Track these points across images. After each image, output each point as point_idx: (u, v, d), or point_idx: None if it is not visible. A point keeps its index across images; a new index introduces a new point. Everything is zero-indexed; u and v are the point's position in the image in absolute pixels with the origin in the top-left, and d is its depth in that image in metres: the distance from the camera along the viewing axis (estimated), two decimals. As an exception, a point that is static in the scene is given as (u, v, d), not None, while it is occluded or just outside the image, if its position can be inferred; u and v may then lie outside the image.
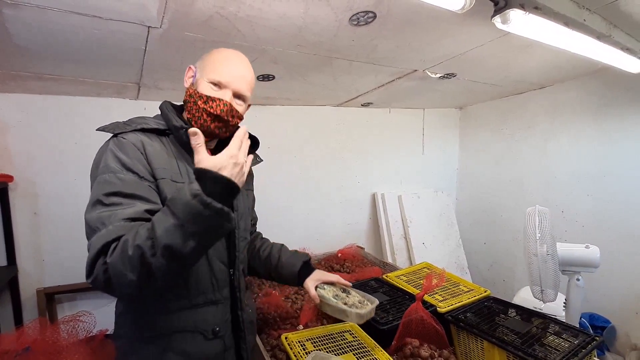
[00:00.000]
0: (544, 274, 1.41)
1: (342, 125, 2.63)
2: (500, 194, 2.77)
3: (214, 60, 0.90)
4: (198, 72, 0.91)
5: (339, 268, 2.09)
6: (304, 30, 1.21)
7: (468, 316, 1.32)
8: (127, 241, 0.69)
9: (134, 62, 1.41)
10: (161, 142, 0.89)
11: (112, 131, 0.84)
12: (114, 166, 0.79)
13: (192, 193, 0.68)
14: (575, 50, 1.29)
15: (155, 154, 0.85)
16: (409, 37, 1.34)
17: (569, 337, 1.15)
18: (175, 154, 0.90)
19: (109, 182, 0.77)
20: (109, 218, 0.73)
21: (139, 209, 0.76)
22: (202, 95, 0.87)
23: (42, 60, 1.36)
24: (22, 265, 1.82)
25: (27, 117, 1.79)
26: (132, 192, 0.77)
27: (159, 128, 0.90)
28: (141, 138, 0.85)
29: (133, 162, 0.80)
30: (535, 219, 1.41)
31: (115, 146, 0.81)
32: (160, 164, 0.85)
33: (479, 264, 2.96)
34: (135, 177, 0.79)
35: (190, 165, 0.90)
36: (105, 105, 1.92)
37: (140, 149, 0.83)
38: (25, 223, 1.82)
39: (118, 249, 0.69)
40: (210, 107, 0.87)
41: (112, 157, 0.80)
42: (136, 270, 0.68)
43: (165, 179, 0.84)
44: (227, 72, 0.88)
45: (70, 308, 1.94)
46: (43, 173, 1.84)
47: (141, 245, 0.68)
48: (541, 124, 2.45)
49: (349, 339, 1.18)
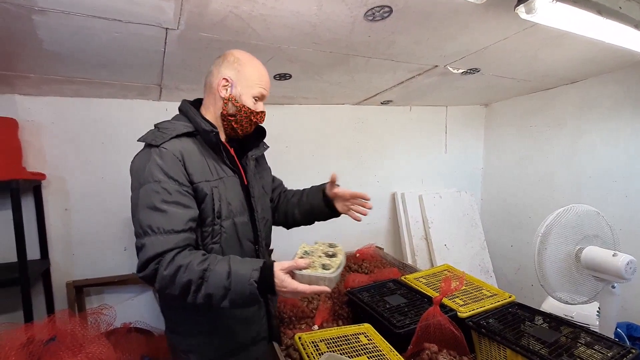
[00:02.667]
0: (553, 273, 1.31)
1: (361, 123, 2.60)
2: (527, 194, 2.64)
3: (253, 74, 1.04)
4: (238, 84, 1.03)
5: (357, 268, 2.06)
6: (319, 28, 1.19)
7: (490, 322, 1.26)
8: (180, 268, 0.85)
9: (155, 64, 1.45)
10: (192, 144, 1.00)
11: (153, 142, 0.94)
12: (158, 175, 0.91)
13: (249, 282, 0.84)
14: (610, 40, 1.20)
15: (191, 160, 0.96)
16: (427, 31, 1.30)
17: (602, 348, 1.07)
18: (204, 153, 1.01)
19: (155, 191, 0.90)
20: (157, 225, 0.88)
21: (182, 218, 0.90)
22: (253, 112, 1.05)
23: (71, 65, 1.43)
24: (54, 259, 1.92)
25: (59, 118, 1.88)
26: (174, 200, 0.90)
27: (188, 131, 1.00)
28: (179, 147, 0.95)
29: (174, 171, 0.92)
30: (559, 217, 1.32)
31: (158, 156, 0.92)
32: (196, 168, 0.96)
33: (505, 268, 2.83)
34: (176, 184, 0.92)
35: (216, 162, 1.03)
36: (130, 107, 1.99)
37: (179, 157, 0.94)
38: (57, 218, 1.92)
39: (171, 270, 0.85)
40: (257, 119, 1.08)
41: (156, 167, 0.91)
42: (178, 291, 0.86)
43: (201, 182, 0.96)
44: (266, 84, 1.07)
45: (98, 300, 2.03)
46: (73, 171, 1.93)
47: (192, 280, 0.84)
48: (572, 121, 2.31)
49: (364, 342, 1.16)
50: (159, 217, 0.88)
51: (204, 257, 0.88)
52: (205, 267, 0.85)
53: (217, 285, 0.84)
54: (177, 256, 0.86)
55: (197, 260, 0.86)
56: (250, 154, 1.14)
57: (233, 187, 1.04)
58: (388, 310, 1.38)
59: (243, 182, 1.10)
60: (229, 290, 0.84)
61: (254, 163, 1.14)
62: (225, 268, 0.85)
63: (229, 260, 0.87)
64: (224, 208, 0.99)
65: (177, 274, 0.85)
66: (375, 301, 1.47)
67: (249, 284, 0.84)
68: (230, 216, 1.01)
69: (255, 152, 1.16)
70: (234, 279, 0.84)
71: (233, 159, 1.09)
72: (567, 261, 1.28)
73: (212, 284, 0.84)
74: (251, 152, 1.15)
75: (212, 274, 0.84)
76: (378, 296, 1.52)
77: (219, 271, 0.85)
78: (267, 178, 1.27)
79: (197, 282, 0.84)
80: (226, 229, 1.00)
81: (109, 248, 1.97)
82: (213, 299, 0.85)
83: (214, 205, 0.97)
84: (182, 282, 0.84)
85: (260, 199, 1.15)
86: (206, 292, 0.84)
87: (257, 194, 1.14)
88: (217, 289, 0.84)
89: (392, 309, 1.39)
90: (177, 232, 0.89)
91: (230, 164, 1.06)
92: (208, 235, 0.98)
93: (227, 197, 1.01)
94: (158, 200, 0.89)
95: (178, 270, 0.85)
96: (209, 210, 0.97)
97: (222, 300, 0.85)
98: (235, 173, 1.07)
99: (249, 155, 1.14)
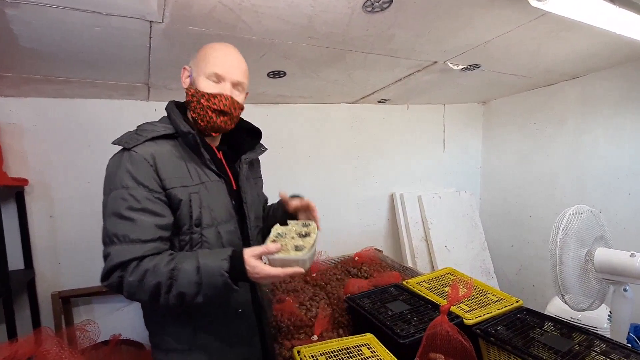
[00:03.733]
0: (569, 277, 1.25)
1: (358, 123, 2.53)
2: (528, 193, 2.59)
3: (206, 55, 0.94)
4: (194, 71, 0.95)
5: (356, 272, 2.00)
6: (314, 20, 1.12)
7: (499, 330, 1.20)
8: (147, 272, 0.81)
9: (141, 61, 1.37)
10: (171, 146, 0.93)
11: (125, 145, 0.88)
12: (127, 182, 0.85)
13: (221, 272, 0.81)
14: (620, 31, 1.14)
15: (165, 164, 0.89)
16: (428, 24, 1.24)
17: (619, 357, 1.01)
18: (184, 157, 0.94)
19: (122, 198, 0.84)
20: (123, 233, 0.83)
21: (150, 227, 0.85)
22: (204, 94, 0.92)
23: (50, 63, 1.34)
24: (39, 269, 1.82)
25: (42, 120, 1.79)
26: (142, 207, 0.85)
27: (167, 133, 0.93)
28: (152, 150, 0.89)
29: (144, 177, 0.86)
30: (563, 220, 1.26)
31: (128, 162, 0.86)
32: (170, 173, 0.90)
33: (506, 268, 2.78)
34: (145, 191, 0.86)
35: (198, 166, 0.95)
36: (117, 108, 1.90)
37: (150, 161, 0.87)
38: (41, 226, 1.82)
39: (137, 274, 0.81)
40: (213, 103, 0.92)
41: (125, 172, 0.86)
42: (148, 295, 0.82)
43: (176, 188, 0.89)
44: (222, 63, 0.93)
45: (86, 311, 1.94)
46: (58, 176, 1.84)
47: (161, 282, 0.80)
48: (573, 118, 2.26)
49: (367, 354, 1.09)
50: (125, 225, 0.83)
51: (171, 257, 0.84)
52: (173, 266, 0.81)
53: (189, 282, 0.81)
54: (142, 262, 0.82)
55: (164, 261, 0.82)
56: (243, 157, 1.06)
57: (217, 192, 0.96)
58: (391, 318, 1.31)
59: (232, 187, 1.02)
60: (201, 285, 0.81)
61: (247, 167, 1.06)
62: (193, 264, 0.82)
63: (197, 256, 0.84)
64: (205, 215, 0.92)
65: (144, 278, 0.81)
66: (377, 308, 1.40)
67: (220, 274, 0.81)
68: (214, 224, 0.94)
69: (249, 155, 1.08)
70: (204, 273, 0.81)
71: (220, 162, 1.02)
72: (582, 266, 1.22)
73: (183, 282, 0.81)
74: (245, 155, 1.07)
75: (181, 272, 0.81)
76: (379, 303, 1.45)
77: (188, 268, 0.81)
78: (260, 185, 1.21)
79: (166, 284, 0.81)
80: (208, 238, 0.92)
81: (98, 256, 1.80)
82: (186, 297, 0.82)
83: (191, 212, 0.90)
84: (150, 285, 0.81)
85: (253, 206, 1.08)
86: (177, 291, 0.81)
87: (250, 200, 1.06)
88: (189, 287, 0.81)
89: (395, 317, 1.33)
90: (144, 241, 0.83)
91: (216, 167, 0.98)
92: (186, 244, 0.91)
93: (210, 204, 0.93)
94: (124, 207, 0.84)
95: (145, 274, 0.81)
96: (185, 218, 0.90)
97: (196, 297, 0.82)
98: (222, 177, 0.99)
99: (242, 158, 1.06)
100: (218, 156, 1.02)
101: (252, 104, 2.16)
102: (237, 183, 1.03)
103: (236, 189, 1.03)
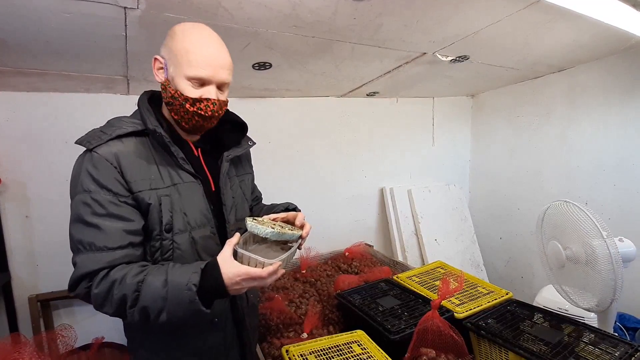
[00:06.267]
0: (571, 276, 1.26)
1: (347, 117, 2.49)
2: (516, 186, 2.61)
3: (186, 51, 0.80)
4: (170, 66, 0.83)
5: (346, 268, 1.98)
6: (299, 7, 1.07)
7: (489, 323, 1.19)
8: (114, 283, 0.74)
9: (117, 52, 1.30)
10: (140, 146, 0.85)
11: (87, 145, 0.81)
12: (89, 186, 0.78)
13: (187, 286, 0.72)
14: (611, 21, 1.13)
15: (131, 166, 0.82)
16: (417, 12, 1.20)
17: (608, 347, 1.01)
18: (155, 157, 0.86)
19: (84, 203, 0.78)
20: (88, 241, 0.77)
21: (118, 233, 0.78)
22: (187, 98, 0.82)
23: (20, 54, 1.26)
24: (15, 271, 1.74)
25: (14, 116, 1.69)
26: (108, 212, 0.78)
27: (135, 130, 0.85)
28: (115, 150, 0.81)
29: (107, 179, 0.79)
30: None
31: (90, 164, 0.79)
32: (138, 175, 0.82)
33: (495, 261, 2.81)
34: (110, 195, 0.79)
35: (170, 166, 0.87)
36: (95, 102, 1.82)
37: (114, 163, 0.80)
38: (17, 227, 1.74)
39: (104, 286, 0.74)
40: (199, 109, 0.83)
41: (86, 175, 0.79)
42: (114, 308, 0.75)
43: (144, 191, 0.82)
44: (206, 65, 0.81)
45: (67, 315, 1.87)
46: (33, 174, 1.75)
47: (127, 295, 0.74)
48: (560, 110, 2.27)
49: (357, 351, 1.07)
50: (89, 232, 0.77)
51: (141, 269, 0.77)
52: (141, 278, 0.74)
53: (154, 296, 0.73)
54: (111, 272, 0.76)
55: (133, 272, 0.75)
56: (225, 154, 0.96)
57: (192, 195, 0.88)
58: (381, 314, 1.29)
59: (210, 188, 0.94)
60: (167, 300, 0.73)
61: (227, 165, 0.97)
62: (162, 277, 0.74)
63: (168, 268, 0.77)
64: (177, 220, 0.85)
65: (112, 290, 0.74)
66: (367, 304, 1.38)
67: (186, 289, 0.72)
68: (187, 229, 0.86)
69: (233, 151, 0.98)
70: (171, 287, 0.73)
71: (198, 160, 0.93)
72: (576, 259, 1.22)
73: (148, 296, 0.73)
74: (227, 152, 0.97)
75: (147, 285, 0.74)
76: (370, 298, 1.43)
77: (155, 281, 0.74)
78: (248, 183, 1.10)
79: (132, 297, 0.73)
80: (180, 245, 0.85)
81: None
82: (150, 312, 0.74)
83: (161, 217, 0.83)
84: (116, 298, 0.74)
85: (235, 208, 0.99)
86: (141, 305, 0.74)
87: (231, 201, 0.98)
88: (154, 301, 0.73)
89: (385, 312, 1.31)
90: (112, 249, 0.77)
91: (192, 167, 0.89)
92: (156, 251, 0.84)
93: (183, 207, 0.86)
94: (88, 213, 0.77)
95: (112, 285, 0.74)
96: (154, 223, 0.83)
97: (160, 314, 0.74)
98: (198, 178, 0.90)
99: (224, 156, 0.96)
100: (195, 154, 0.94)
101: (237, 97, 2.10)
102: (216, 183, 0.95)
103: (215, 190, 0.95)
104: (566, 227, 1.22)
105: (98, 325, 1.82)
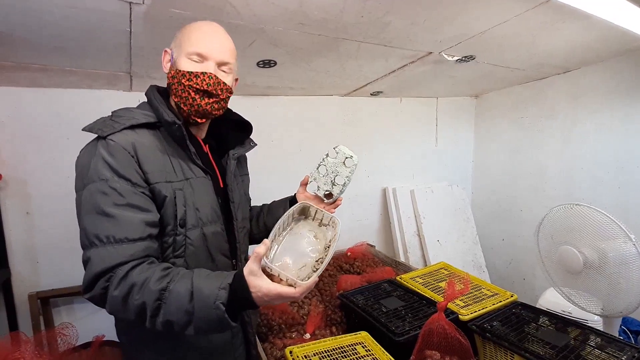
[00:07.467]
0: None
1: (350, 116, 2.48)
2: (519, 187, 2.60)
3: (188, 33, 0.84)
4: (175, 52, 0.86)
5: (348, 268, 1.97)
6: (306, 4, 1.06)
7: (494, 325, 1.18)
8: (134, 287, 0.69)
9: (121, 48, 1.28)
10: (152, 138, 0.83)
11: (99, 132, 0.77)
12: (105, 173, 0.74)
13: (215, 304, 0.67)
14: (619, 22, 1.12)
15: (147, 156, 0.79)
16: (425, 11, 1.19)
17: (614, 351, 1.00)
18: (168, 150, 0.84)
19: (102, 192, 0.73)
20: (106, 233, 0.72)
21: (138, 223, 0.74)
22: (184, 73, 0.81)
23: (22, 49, 1.25)
24: (15, 268, 1.72)
25: (16, 112, 1.68)
26: (127, 202, 0.74)
27: (148, 122, 0.83)
28: (132, 139, 0.78)
29: (125, 168, 0.75)
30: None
31: (105, 150, 0.75)
32: (154, 166, 0.80)
33: (497, 262, 2.80)
34: (128, 184, 0.75)
35: (183, 160, 0.86)
36: (98, 98, 1.80)
37: (131, 152, 0.77)
38: (17, 224, 1.72)
39: (123, 288, 0.69)
40: (195, 83, 0.81)
41: (102, 163, 0.75)
42: (133, 314, 0.71)
43: (160, 183, 0.80)
44: (206, 42, 0.83)
45: (68, 312, 1.85)
46: (35, 171, 1.73)
47: (147, 303, 0.69)
48: (564, 112, 2.26)
49: (362, 353, 1.06)
50: (107, 223, 0.72)
51: (165, 272, 0.71)
52: (164, 285, 0.69)
53: (179, 309, 0.68)
54: (132, 271, 0.71)
55: (156, 276, 0.70)
56: (231, 152, 0.98)
57: (204, 190, 0.87)
58: (385, 315, 1.28)
59: (219, 184, 0.94)
60: (193, 314, 0.68)
61: (234, 163, 0.98)
62: (187, 287, 0.69)
63: (192, 276, 0.71)
64: (190, 215, 0.83)
65: (130, 294, 0.69)
66: (371, 305, 1.37)
67: (214, 307, 0.67)
68: (199, 225, 0.85)
69: (238, 150, 1.00)
70: (197, 301, 0.68)
71: (207, 156, 0.94)
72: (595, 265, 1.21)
73: (172, 308, 0.68)
74: (233, 150, 0.98)
75: (172, 295, 0.69)
76: (373, 299, 1.42)
77: (180, 291, 0.69)
78: (246, 184, 1.13)
79: (153, 306, 0.69)
80: (193, 241, 0.83)
81: (79, 254, 1.76)
82: (175, 326, 0.69)
83: (176, 211, 0.80)
84: (135, 305, 0.69)
85: (241, 205, 1.00)
86: (165, 318, 0.69)
87: (238, 198, 0.98)
88: (179, 315, 0.68)
89: (389, 314, 1.30)
90: (133, 240, 0.73)
91: (202, 162, 0.89)
92: (169, 247, 0.81)
93: (195, 202, 0.84)
94: (106, 202, 0.73)
95: (131, 289, 0.69)
96: (169, 217, 0.80)
97: (186, 328, 0.69)
98: (208, 174, 0.90)
99: (230, 154, 0.97)
100: (204, 150, 0.94)
101: (241, 95, 2.08)
102: (224, 180, 0.95)
103: (223, 187, 0.95)
104: (582, 231, 1.20)
105: (99, 323, 1.80)
